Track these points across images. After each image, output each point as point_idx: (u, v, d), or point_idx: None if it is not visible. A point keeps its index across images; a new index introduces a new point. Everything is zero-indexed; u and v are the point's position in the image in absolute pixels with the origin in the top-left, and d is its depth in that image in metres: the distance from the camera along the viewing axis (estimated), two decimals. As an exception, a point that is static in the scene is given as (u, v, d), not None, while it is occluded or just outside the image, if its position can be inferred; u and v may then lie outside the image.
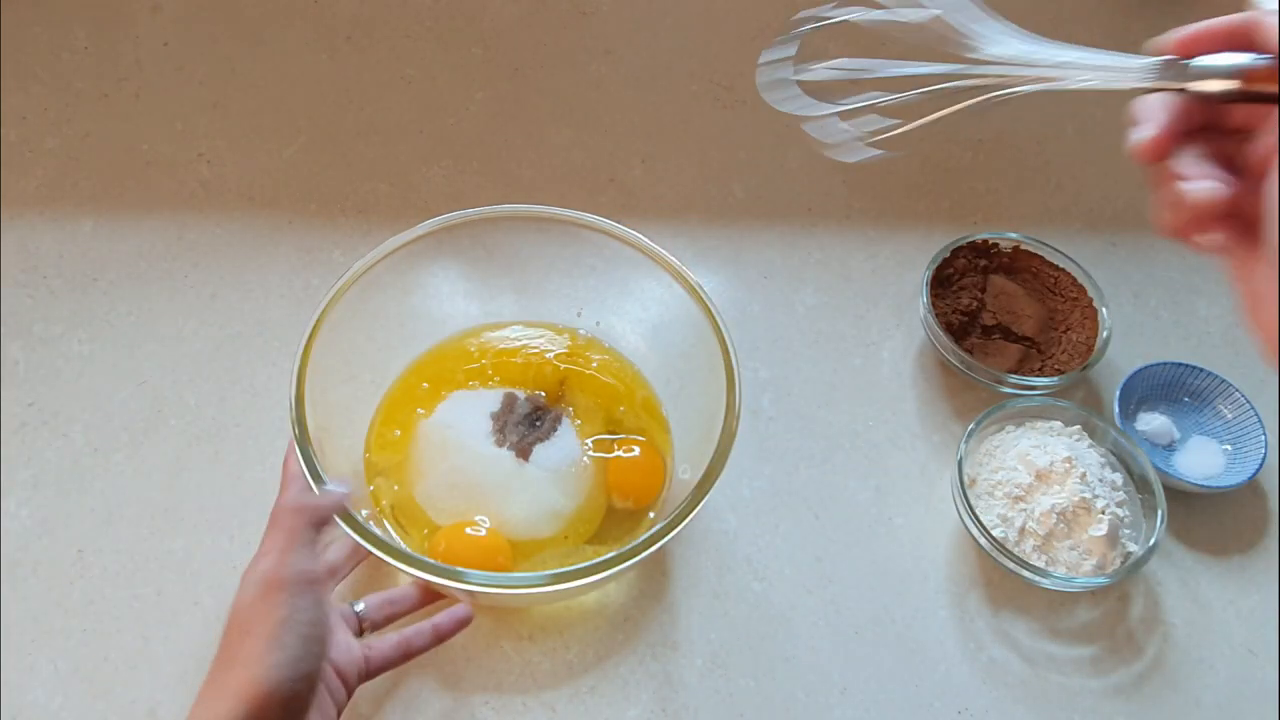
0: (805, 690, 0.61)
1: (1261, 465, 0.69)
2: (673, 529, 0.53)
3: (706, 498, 0.54)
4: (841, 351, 0.77)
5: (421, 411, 0.65)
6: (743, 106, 0.93)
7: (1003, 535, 0.64)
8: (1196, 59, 0.32)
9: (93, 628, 0.61)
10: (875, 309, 0.80)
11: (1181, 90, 0.32)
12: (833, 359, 0.77)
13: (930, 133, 0.46)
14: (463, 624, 0.58)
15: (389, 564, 0.51)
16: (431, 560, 0.52)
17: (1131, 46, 0.38)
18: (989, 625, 0.65)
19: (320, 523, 0.50)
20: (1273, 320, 0.29)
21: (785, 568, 0.66)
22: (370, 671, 0.54)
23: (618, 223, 0.66)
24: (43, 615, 0.62)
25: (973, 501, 0.65)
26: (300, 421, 0.55)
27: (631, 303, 0.69)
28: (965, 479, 0.66)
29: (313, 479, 0.53)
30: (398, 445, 0.64)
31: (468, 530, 0.60)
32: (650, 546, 0.52)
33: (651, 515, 0.63)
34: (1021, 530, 0.64)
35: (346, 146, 0.86)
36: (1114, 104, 0.39)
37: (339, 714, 0.51)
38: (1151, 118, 0.32)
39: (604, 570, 0.51)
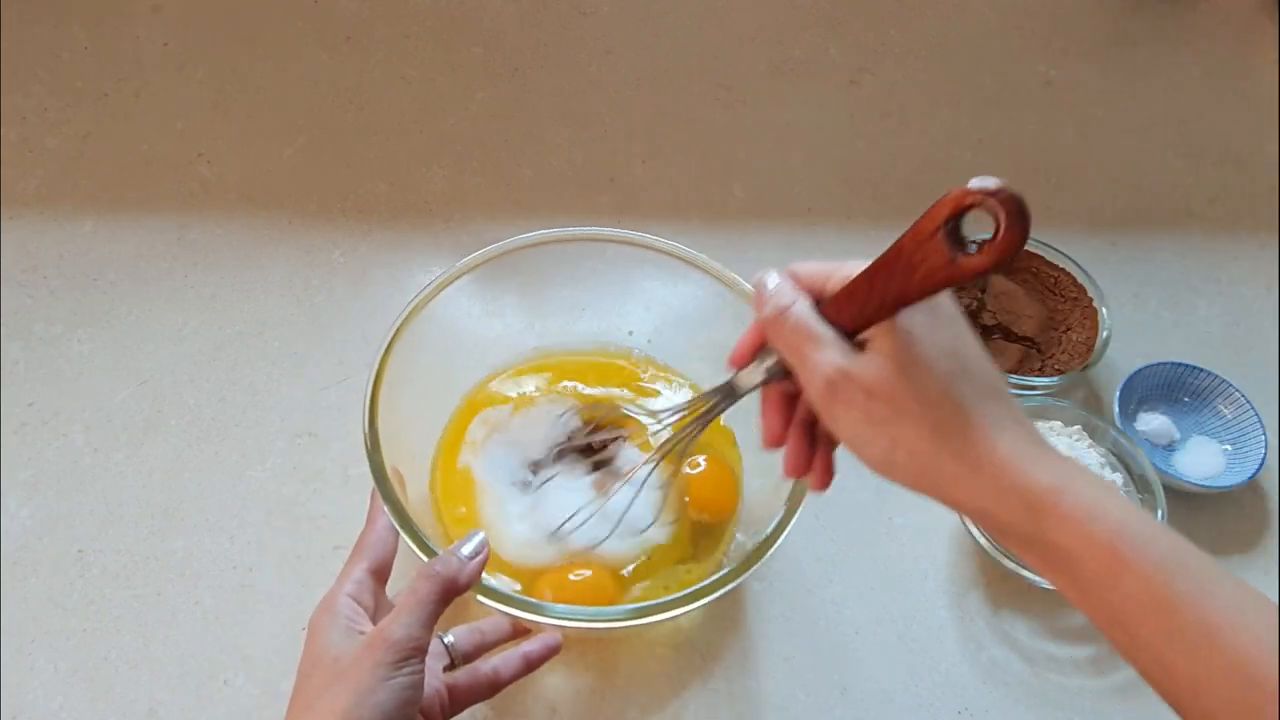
0: (805, 690, 0.61)
1: (1261, 465, 0.69)
2: (765, 551, 0.52)
3: (795, 518, 0.53)
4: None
5: (476, 461, 0.63)
6: (743, 106, 0.93)
7: (1003, 535, 0.64)
8: (740, 374, 0.46)
9: (93, 628, 0.61)
10: (875, 309, 0.80)
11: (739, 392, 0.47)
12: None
13: (931, 133, 0.46)
14: (553, 651, 0.56)
15: (487, 605, 0.50)
16: (531, 599, 0.51)
17: (1131, 46, 0.40)
18: (989, 625, 0.65)
19: (455, 596, 0.47)
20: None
21: (785, 568, 0.66)
22: (455, 706, 0.52)
23: (647, 232, 0.64)
24: (43, 615, 0.62)
25: (973, 501, 0.65)
26: (385, 488, 0.53)
27: (684, 319, 0.67)
28: (965, 479, 0.66)
29: (435, 549, 0.50)
30: (463, 493, 0.63)
31: (571, 576, 0.59)
32: (745, 570, 0.51)
33: (738, 536, 0.62)
34: (1021, 530, 0.64)
35: (346, 146, 0.86)
36: (1114, 104, 0.40)
37: None
38: (768, 424, 0.45)
39: (691, 602, 0.50)
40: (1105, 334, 0.73)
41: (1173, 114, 0.95)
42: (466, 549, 0.48)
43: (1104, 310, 0.74)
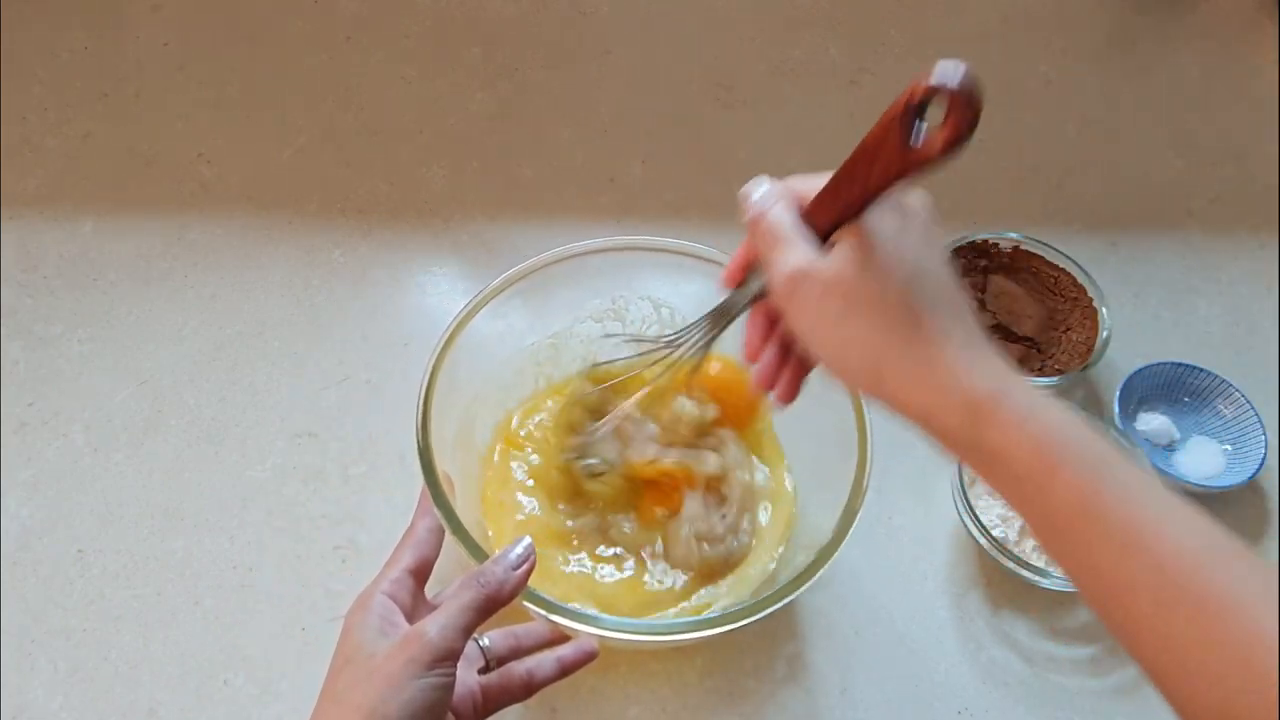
0: (805, 690, 0.61)
1: (1261, 465, 0.69)
2: (823, 562, 0.52)
3: (852, 529, 0.54)
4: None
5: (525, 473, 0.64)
6: (743, 106, 0.93)
7: (1003, 535, 0.64)
8: (740, 289, 0.47)
9: (93, 628, 0.61)
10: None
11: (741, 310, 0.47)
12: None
13: None
14: (589, 658, 0.55)
15: (539, 615, 0.50)
16: (581, 609, 0.51)
17: (1131, 46, 0.41)
18: (989, 625, 0.65)
19: (498, 608, 0.47)
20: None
21: (785, 568, 0.66)
22: (488, 707, 0.52)
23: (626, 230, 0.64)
24: (43, 615, 0.62)
25: (973, 501, 0.65)
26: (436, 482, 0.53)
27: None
28: (965, 479, 0.66)
29: (486, 552, 0.50)
30: (510, 506, 0.63)
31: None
32: (798, 587, 0.52)
33: (799, 557, 0.60)
34: (1021, 530, 0.64)
35: (346, 146, 0.86)
36: (1114, 104, 0.40)
37: None
38: (749, 337, 0.46)
39: (739, 620, 0.50)
40: (1105, 334, 0.73)
41: (1173, 114, 0.95)
42: (513, 555, 0.48)
43: (1104, 310, 0.74)
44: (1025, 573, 0.63)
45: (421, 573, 0.51)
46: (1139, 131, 0.93)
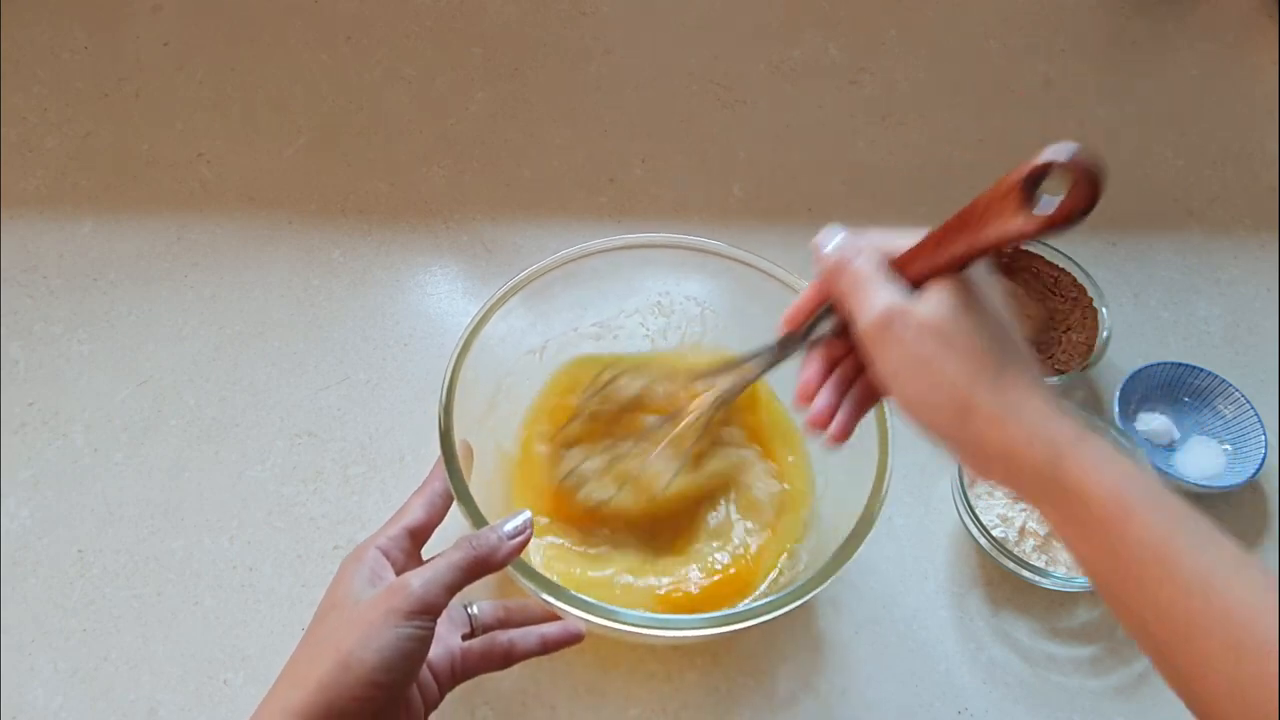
0: (805, 690, 0.61)
1: (1261, 465, 0.69)
2: (842, 563, 0.53)
3: (872, 529, 0.54)
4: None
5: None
6: (743, 106, 0.93)
7: (1003, 535, 0.64)
8: (797, 332, 0.49)
9: (93, 628, 0.61)
10: (875, 309, 0.80)
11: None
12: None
13: (931, 133, 0.47)
14: (574, 639, 0.56)
15: (551, 605, 0.50)
16: (592, 600, 0.50)
17: (1131, 46, 0.43)
18: (989, 625, 0.65)
19: (486, 572, 0.48)
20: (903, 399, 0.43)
21: (785, 568, 0.66)
22: (465, 672, 0.53)
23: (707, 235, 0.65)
24: (43, 615, 0.62)
25: (973, 501, 0.65)
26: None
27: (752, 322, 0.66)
28: (965, 479, 0.66)
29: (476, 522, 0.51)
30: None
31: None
32: (821, 582, 0.52)
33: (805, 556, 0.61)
34: (1021, 530, 0.64)
35: (346, 146, 0.86)
36: (1114, 104, 0.41)
37: (428, 713, 0.50)
38: (807, 377, 0.48)
39: (768, 612, 0.51)
40: (1105, 334, 0.73)
41: (1173, 114, 0.95)
42: (509, 526, 0.49)
43: (1104, 310, 0.74)
44: (1025, 573, 0.63)
45: (420, 534, 0.52)
46: (1139, 131, 0.93)
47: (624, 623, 0.50)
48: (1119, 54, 1.00)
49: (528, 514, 0.49)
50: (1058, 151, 0.36)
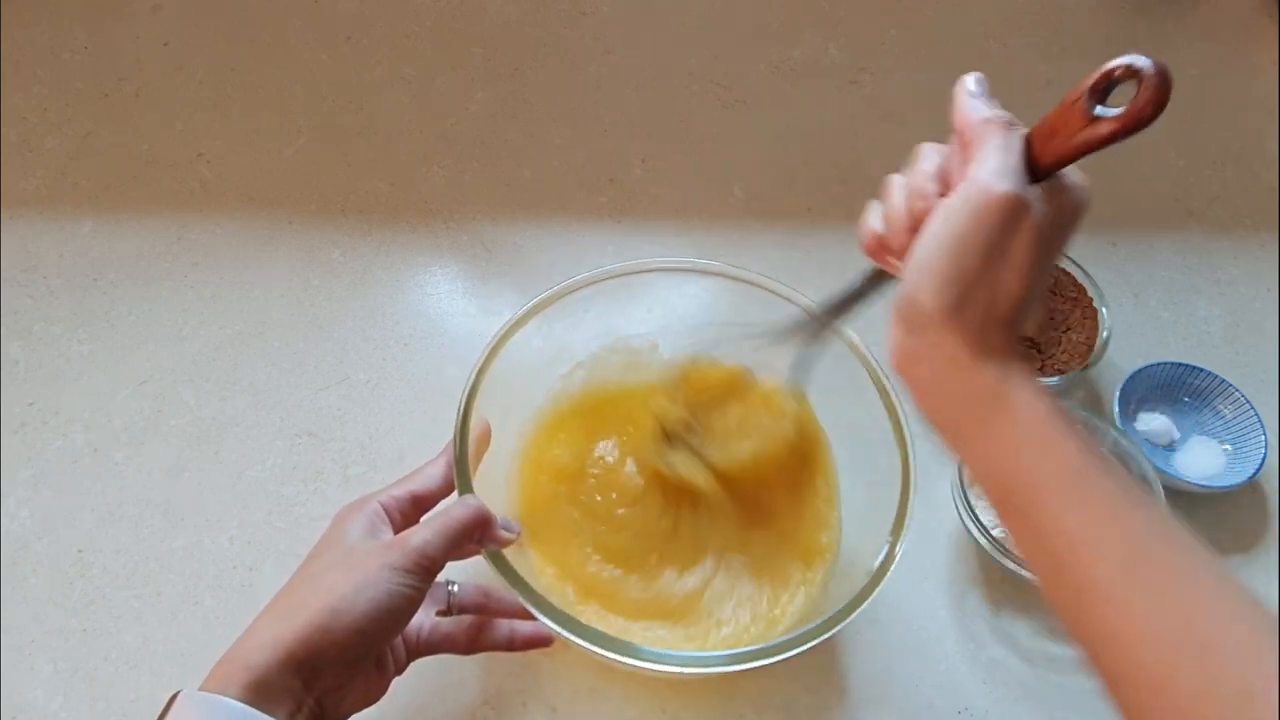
0: (805, 690, 0.61)
1: (1261, 465, 0.69)
2: (871, 591, 0.52)
3: (898, 555, 0.54)
4: (841, 352, 0.77)
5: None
6: (743, 106, 0.93)
7: (1003, 535, 0.64)
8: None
9: (93, 628, 0.61)
10: (875, 309, 0.80)
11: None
12: (832, 359, 0.77)
13: (931, 133, 0.47)
14: (540, 642, 0.56)
15: (553, 630, 0.49)
16: (603, 631, 0.49)
17: (1131, 46, 0.44)
18: (989, 625, 0.65)
19: (483, 542, 0.49)
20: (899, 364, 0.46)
21: (785, 568, 0.66)
22: (427, 647, 0.53)
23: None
24: (43, 615, 0.62)
25: (973, 501, 0.65)
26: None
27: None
28: (965, 479, 0.66)
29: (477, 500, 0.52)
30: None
31: None
32: (852, 611, 0.51)
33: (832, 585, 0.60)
34: (1021, 530, 0.64)
35: (346, 146, 0.86)
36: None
37: (388, 680, 0.51)
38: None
39: (782, 653, 0.50)
40: (1105, 334, 0.73)
41: (1173, 114, 0.95)
42: (506, 521, 0.51)
43: (1104, 310, 0.74)
44: (1025, 573, 0.63)
45: (424, 502, 0.53)
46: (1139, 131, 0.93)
47: (638, 658, 0.49)
48: (1119, 54, 1.00)
49: (519, 528, 0.52)
50: (1127, 59, 0.39)
